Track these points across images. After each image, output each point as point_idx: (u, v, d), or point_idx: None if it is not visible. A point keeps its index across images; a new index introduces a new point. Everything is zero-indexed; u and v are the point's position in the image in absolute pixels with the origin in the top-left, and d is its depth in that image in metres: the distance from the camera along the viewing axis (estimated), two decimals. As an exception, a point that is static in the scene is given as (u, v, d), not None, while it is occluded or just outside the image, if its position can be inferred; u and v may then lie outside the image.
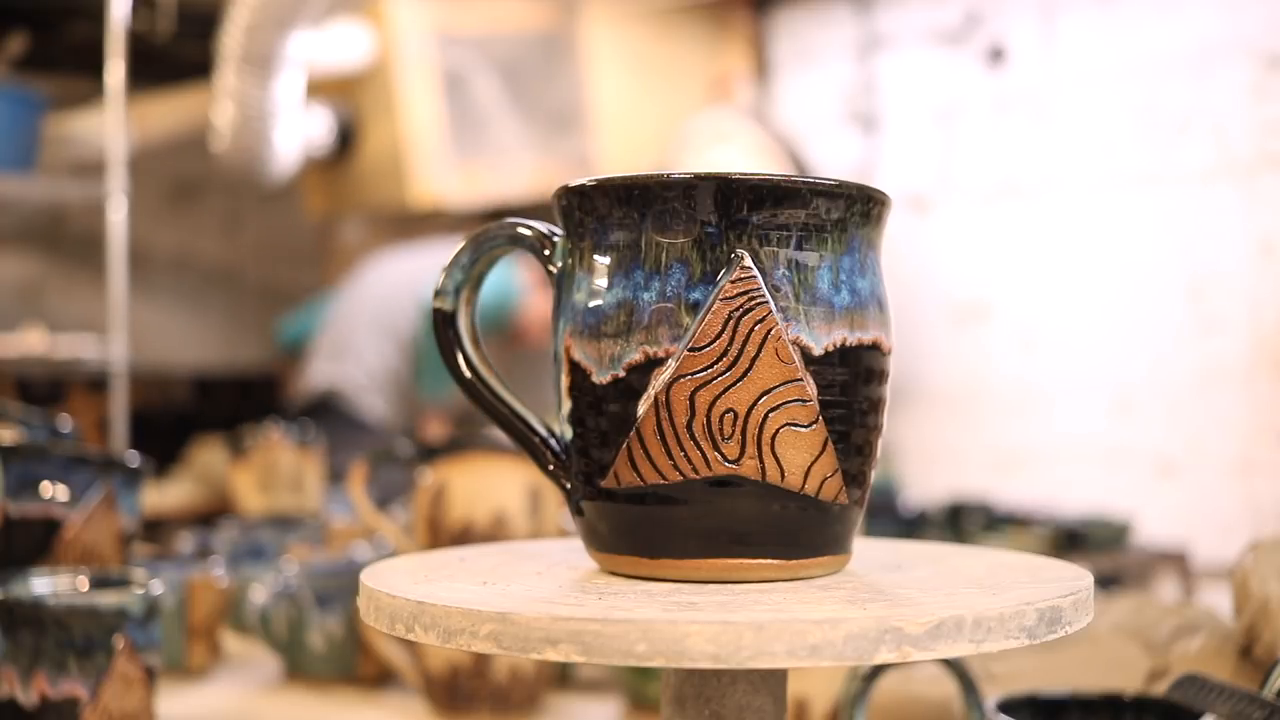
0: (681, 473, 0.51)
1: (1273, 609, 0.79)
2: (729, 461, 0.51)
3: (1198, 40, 2.97)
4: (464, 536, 1.03)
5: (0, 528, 0.86)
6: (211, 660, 1.22)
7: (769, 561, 0.52)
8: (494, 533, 1.03)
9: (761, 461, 0.51)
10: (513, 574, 0.55)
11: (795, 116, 3.76)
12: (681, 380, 0.51)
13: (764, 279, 0.51)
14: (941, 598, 0.48)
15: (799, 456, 0.52)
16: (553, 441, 0.57)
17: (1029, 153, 3.28)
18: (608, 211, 0.54)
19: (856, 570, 0.56)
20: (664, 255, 0.52)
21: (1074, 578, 0.53)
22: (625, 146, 3.46)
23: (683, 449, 0.51)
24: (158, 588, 0.82)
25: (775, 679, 0.54)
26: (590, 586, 0.52)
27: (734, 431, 0.51)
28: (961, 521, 2.45)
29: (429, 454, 1.07)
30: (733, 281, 0.51)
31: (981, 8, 3.38)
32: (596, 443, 0.53)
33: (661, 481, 0.52)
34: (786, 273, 0.52)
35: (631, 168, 3.49)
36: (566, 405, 0.55)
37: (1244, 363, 2.89)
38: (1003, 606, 0.46)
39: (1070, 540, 2.40)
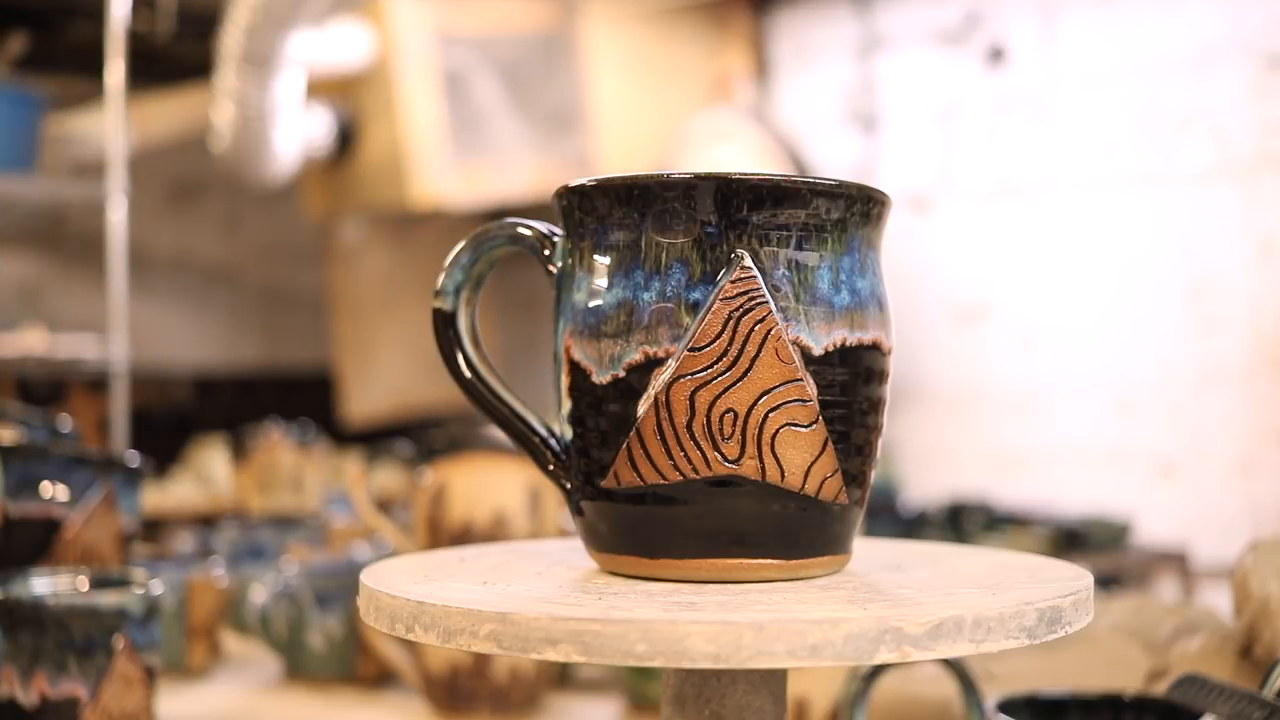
0: (681, 473, 0.51)
1: (1273, 609, 0.79)
2: (729, 461, 0.51)
3: (1198, 40, 2.97)
4: (464, 536, 1.03)
5: (0, 528, 0.85)
6: (211, 660, 1.22)
7: (769, 561, 0.52)
8: (494, 533, 1.03)
9: (761, 461, 0.51)
10: (513, 574, 0.55)
11: (795, 116, 3.76)
12: (681, 380, 0.51)
13: (764, 279, 0.51)
14: (941, 598, 0.48)
15: (799, 456, 0.52)
16: (553, 441, 0.57)
17: (1029, 153, 3.28)
18: (608, 211, 0.54)
19: (857, 570, 0.56)
20: (664, 255, 0.52)
21: (1074, 578, 0.53)
22: (625, 146, 3.46)
23: (683, 449, 0.51)
24: (158, 588, 0.82)
25: (775, 679, 0.54)
26: (590, 586, 0.52)
27: (734, 431, 0.51)
28: (961, 521, 2.45)
29: (429, 454, 1.07)
30: (733, 281, 0.51)
31: (981, 8, 3.38)
32: (596, 443, 0.53)
33: (661, 481, 0.52)
34: (786, 273, 0.52)
35: (631, 168, 3.49)
36: (566, 405, 0.55)
37: (1244, 363, 2.89)
38: (1003, 606, 0.46)
39: (1070, 540, 2.40)
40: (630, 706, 1.05)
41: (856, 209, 0.53)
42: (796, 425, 0.51)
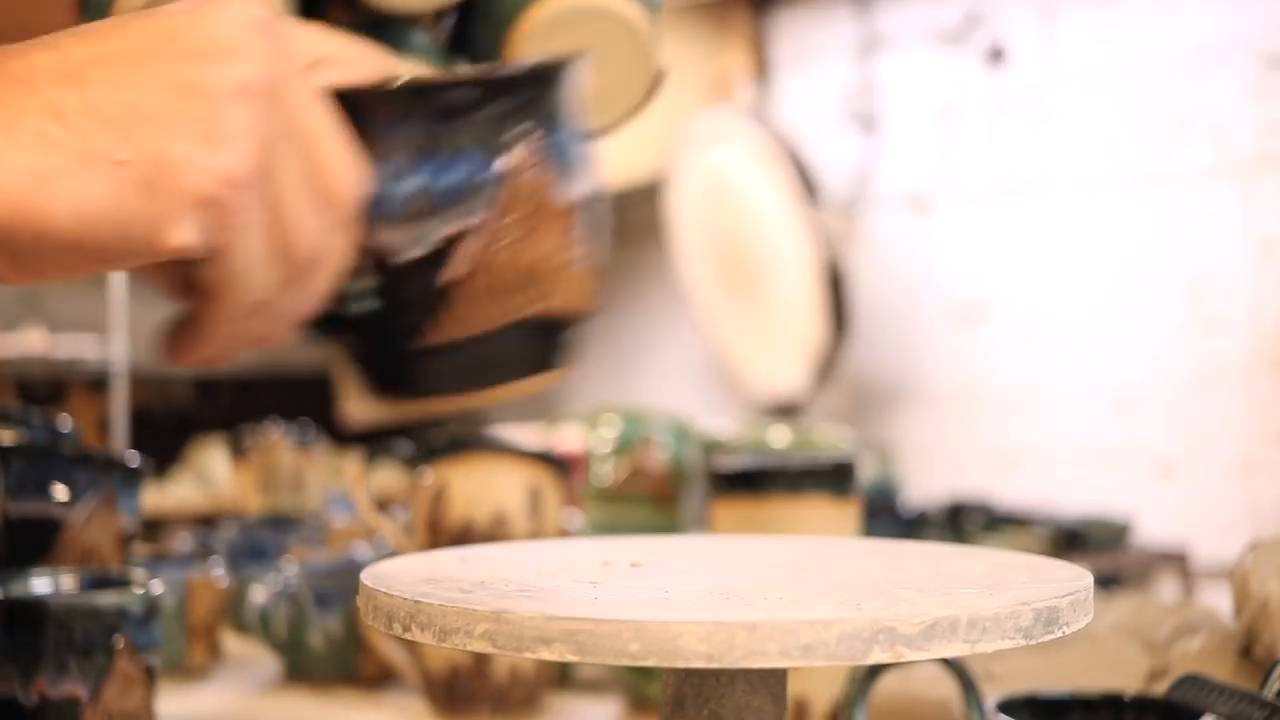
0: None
1: (1273, 609, 0.79)
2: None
3: (1198, 40, 2.97)
4: (464, 536, 1.03)
5: (0, 528, 0.86)
6: (211, 660, 1.22)
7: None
8: (494, 533, 1.03)
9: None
10: (512, 574, 0.55)
11: (795, 116, 3.76)
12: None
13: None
14: (938, 597, 0.48)
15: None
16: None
17: (1029, 153, 3.28)
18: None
19: (855, 570, 0.57)
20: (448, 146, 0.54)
21: (1073, 578, 0.53)
22: (625, 146, 3.46)
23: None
24: (158, 588, 0.82)
25: (774, 679, 0.54)
26: (590, 586, 0.52)
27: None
28: (961, 521, 2.45)
29: (429, 454, 1.07)
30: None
31: (981, 8, 3.38)
32: (404, 315, 0.56)
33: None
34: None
35: (632, 167, 3.50)
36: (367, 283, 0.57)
37: (1244, 363, 2.89)
38: (998, 606, 0.46)
39: (1070, 540, 2.40)
40: (630, 706, 1.05)
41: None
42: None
